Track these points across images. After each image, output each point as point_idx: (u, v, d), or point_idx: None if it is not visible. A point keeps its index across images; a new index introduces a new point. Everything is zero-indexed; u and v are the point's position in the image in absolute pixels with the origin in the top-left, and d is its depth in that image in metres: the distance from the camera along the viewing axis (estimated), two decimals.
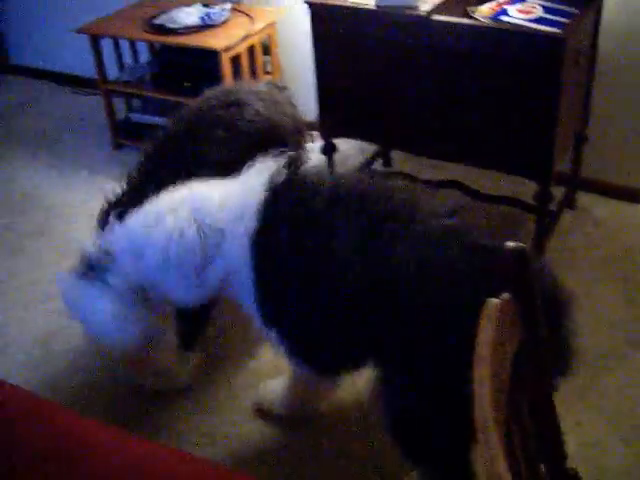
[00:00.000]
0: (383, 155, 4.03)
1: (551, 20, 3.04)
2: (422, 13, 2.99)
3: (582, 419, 2.67)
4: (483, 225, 2.41)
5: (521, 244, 1.45)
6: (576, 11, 3.05)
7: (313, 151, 4.11)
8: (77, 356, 3.12)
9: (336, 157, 3.61)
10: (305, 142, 3.17)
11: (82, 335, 3.18)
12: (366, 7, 3.08)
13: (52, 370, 3.07)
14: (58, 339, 3.22)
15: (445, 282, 2.02)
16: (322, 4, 3.19)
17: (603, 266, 3.37)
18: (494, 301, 1.39)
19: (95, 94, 5.02)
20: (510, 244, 1.45)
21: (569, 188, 3.66)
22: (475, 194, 3.60)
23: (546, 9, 3.12)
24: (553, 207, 3.40)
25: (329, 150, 3.54)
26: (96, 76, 4.41)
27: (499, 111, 3.02)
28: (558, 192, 3.50)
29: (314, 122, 3.88)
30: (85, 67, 4.96)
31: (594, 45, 3.30)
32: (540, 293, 1.50)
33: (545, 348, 1.59)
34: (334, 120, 3.43)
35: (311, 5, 3.22)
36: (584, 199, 3.77)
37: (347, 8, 3.13)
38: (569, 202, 3.68)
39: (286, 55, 4.23)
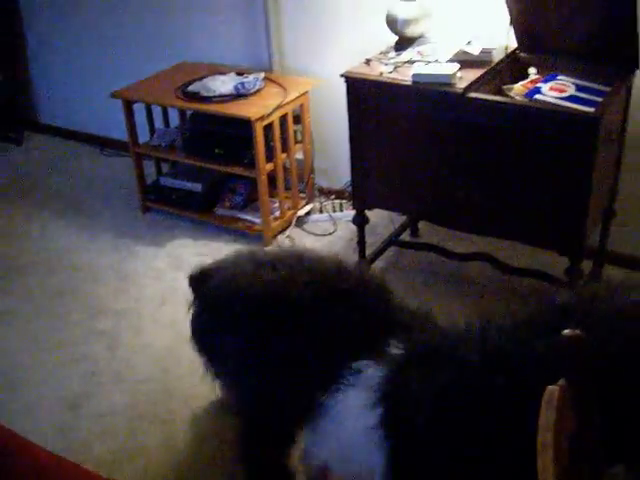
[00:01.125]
0: (411, 226, 4.06)
1: (583, 98, 3.09)
2: (458, 90, 3.05)
3: None
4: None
5: (578, 332, 1.47)
6: (607, 89, 3.10)
7: (341, 220, 4.19)
8: (107, 421, 3.11)
9: (366, 227, 3.64)
10: None
11: (111, 399, 3.21)
12: (402, 83, 3.14)
13: (81, 434, 3.06)
14: (87, 403, 3.21)
15: None
16: (359, 79, 3.24)
17: None
18: (553, 388, 1.41)
19: (124, 156, 5.10)
20: (567, 332, 1.47)
21: (596, 262, 3.68)
22: (504, 267, 3.63)
23: (578, 87, 3.17)
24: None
25: (361, 221, 3.56)
26: (126, 138, 4.48)
27: (531, 187, 3.06)
28: (585, 266, 3.53)
29: (342, 190, 3.94)
30: (115, 129, 5.04)
31: (625, 121, 3.35)
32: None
33: (597, 434, 1.60)
34: (367, 191, 3.45)
35: (348, 79, 3.26)
36: (610, 273, 3.78)
37: (383, 83, 3.18)
38: (596, 276, 3.70)
39: (317, 123, 4.28)
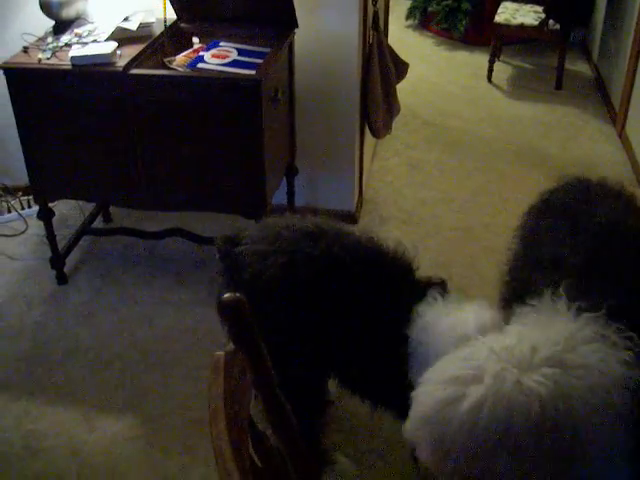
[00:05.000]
0: (103, 212, 3.97)
1: (246, 62, 3.14)
2: (118, 68, 2.99)
3: None
4: None
5: (237, 295, 1.49)
6: (269, 50, 3.17)
7: (32, 216, 4.01)
8: None
9: (55, 220, 3.49)
10: None
11: None
12: (61, 67, 3.04)
13: None
14: None
15: None
16: (17, 68, 3.09)
17: None
18: (219, 354, 1.41)
19: None
20: (226, 296, 1.48)
21: None
22: (198, 239, 3.63)
23: (240, 52, 3.22)
24: None
25: (46, 215, 3.41)
26: None
27: (210, 156, 3.08)
28: None
29: (29, 186, 3.76)
30: None
31: (292, 79, 3.45)
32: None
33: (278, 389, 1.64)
34: (47, 183, 3.32)
35: (6, 70, 3.10)
36: None
37: (42, 70, 3.06)
38: None
39: None
